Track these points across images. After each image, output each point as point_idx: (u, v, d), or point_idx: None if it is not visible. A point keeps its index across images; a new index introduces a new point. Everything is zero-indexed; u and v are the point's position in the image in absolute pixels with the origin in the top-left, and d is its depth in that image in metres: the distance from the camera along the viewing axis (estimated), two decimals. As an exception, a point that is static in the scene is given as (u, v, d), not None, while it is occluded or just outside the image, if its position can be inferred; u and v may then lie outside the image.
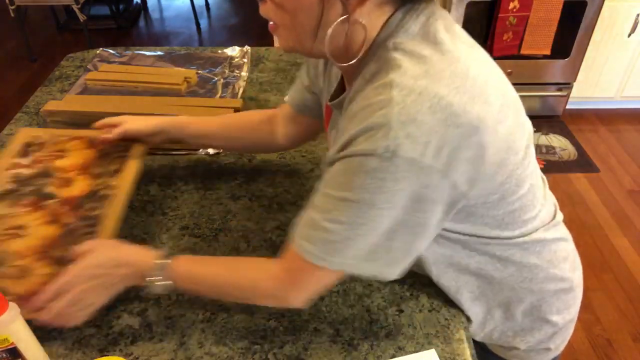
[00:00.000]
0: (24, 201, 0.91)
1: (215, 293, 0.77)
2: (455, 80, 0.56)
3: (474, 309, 0.80)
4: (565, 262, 0.79)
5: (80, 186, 0.94)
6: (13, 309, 0.66)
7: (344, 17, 0.59)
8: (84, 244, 0.77)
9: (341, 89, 0.74)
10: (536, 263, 0.75)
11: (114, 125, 0.99)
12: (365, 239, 0.61)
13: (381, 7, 0.60)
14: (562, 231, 0.79)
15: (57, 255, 0.82)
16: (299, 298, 0.70)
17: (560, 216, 0.79)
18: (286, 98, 0.96)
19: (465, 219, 0.67)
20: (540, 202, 0.73)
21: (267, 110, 1.01)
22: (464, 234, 0.70)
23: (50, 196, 0.92)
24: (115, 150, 1.02)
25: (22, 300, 0.74)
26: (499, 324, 0.81)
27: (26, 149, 1.02)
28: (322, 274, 0.66)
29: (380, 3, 0.60)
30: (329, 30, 0.59)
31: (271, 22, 0.64)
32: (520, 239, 0.72)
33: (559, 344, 0.85)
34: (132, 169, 0.98)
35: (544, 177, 0.80)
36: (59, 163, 0.99)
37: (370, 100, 0.57)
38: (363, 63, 0.62)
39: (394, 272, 0.66)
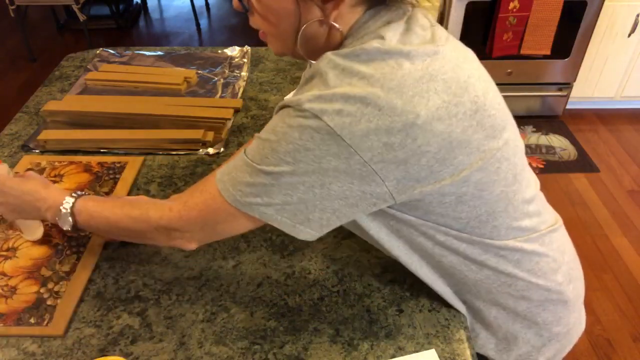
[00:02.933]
0: None
1: (113, 227, 0.77)
2: (385, 74, 0.58)
3: (458, 305, 0.79)
4: (556, 274, 0.75)
5: None
6: None
7: (320, 19, 0.63)
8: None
9: None
10: (514, 272, 0.72)
11: None
12: (268, 187, 0.62)
13: (354, 9, 0.63)
14: (554, 244, 0.75)
15: (45, 274, 0.86)
16: (200, 235, 0.72)
17: (554, 227, 0.76)
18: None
19: (424, 215, 0.67)
20: (520, 211, 0.70)
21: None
22: (431, 230, 0.69)
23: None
24: (107, 173, 1.07)
25: (5, 319, 0.79)
26: (480, 330, 0.80)
27: None
28: (232, 213, 0.66)
29: (353, 5, 0.63)
30: (301, 31, 0.65)
31: (260, 31, 0.70)
32: (495, 243, 0.69)
33: (551, 358, 0.82)
34: (122, 190, 1.03)
35: (537, 183, 0.76)
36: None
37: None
38: None
39: (303, 232, 0.66)
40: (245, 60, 1.48)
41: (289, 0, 0.63)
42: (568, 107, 2.88)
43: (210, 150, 1.14)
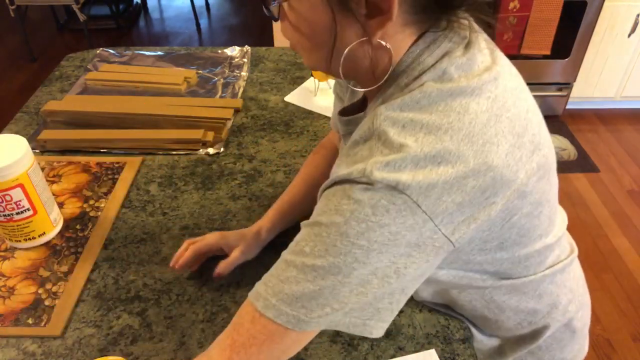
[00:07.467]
0: None
1: None
2: (452, 123, 0.50)
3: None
4: (570, 304, 0.75)
5: (70, 209, 1.00)
6: None
7: (363, 39, 0.54)
8: None
9: (362, 104, 0.69)
10: (535, 307, 0.72)
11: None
12: (338, 288, 0.52)
13: (404, 31, 0.54)
14: (571, 273, 0.75)
15: (43, 275, 0.86)
16: None
17: (572, 257, 0.74)
18: (330, 124, 0.92)
19: (463, 266, 0.63)
20: (550, 250, 0.67)
21: (326, 144, 0.96)
22: (465, 283, 0.67)
23: None
24: (106, 173, 1.07)
25: (2, 319, 0.79)
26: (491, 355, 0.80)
27: None
28: (295, 339, 0.56)
29: (403, 25, 0.53)
30: (345, 52, 0.55)
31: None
32: (519, 281, 0.68)
33: None
34: (121, 190, 1.03)
35: (565, 217, 0.74)
36: (53, 188, 1.04)
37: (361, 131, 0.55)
38: (383, 87, 0.58)
39: (375, 327, 0.56)
40: (245, 60, 1.48)
41: (325, 11, 0.52)
42: (568, 107, 2.88)
43: (210, 150, 1.14)
